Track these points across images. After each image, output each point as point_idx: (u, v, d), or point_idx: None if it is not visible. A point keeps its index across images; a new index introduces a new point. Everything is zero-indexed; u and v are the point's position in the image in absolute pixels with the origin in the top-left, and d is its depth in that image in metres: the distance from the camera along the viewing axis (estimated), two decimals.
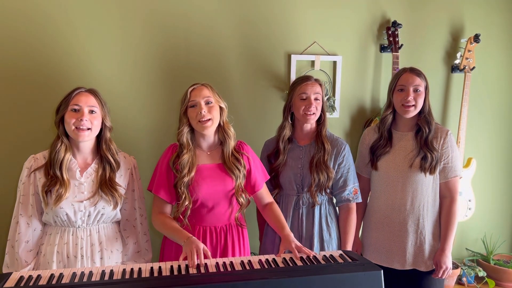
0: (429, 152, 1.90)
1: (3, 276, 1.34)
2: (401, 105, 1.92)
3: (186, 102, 1.71)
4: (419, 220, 1.95)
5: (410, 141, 1.96)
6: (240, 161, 1.76)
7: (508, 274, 2.76)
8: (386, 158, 1.98)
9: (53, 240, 1.65)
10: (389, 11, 2.64)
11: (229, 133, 1.76)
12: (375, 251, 2.01)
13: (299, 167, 1.93)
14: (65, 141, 1.65)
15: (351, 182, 1.95)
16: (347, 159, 1.94)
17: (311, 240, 1.92)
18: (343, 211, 1.96)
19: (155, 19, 2.32)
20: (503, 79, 2.90)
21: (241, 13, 2.43)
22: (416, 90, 1.91)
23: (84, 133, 1.62)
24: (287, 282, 1.33)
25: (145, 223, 1.82)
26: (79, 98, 1.64)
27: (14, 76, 2.18)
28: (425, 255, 1.95)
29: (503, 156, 2.97)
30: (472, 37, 2.65)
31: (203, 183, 1.70)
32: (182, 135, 1.72)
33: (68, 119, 1.62)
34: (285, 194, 1.97)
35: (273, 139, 2.04)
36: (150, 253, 1.82)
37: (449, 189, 1.96)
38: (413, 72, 1.95)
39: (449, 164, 1.94)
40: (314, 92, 1.89)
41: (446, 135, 1.94)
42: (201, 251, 1.46)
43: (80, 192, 1.65)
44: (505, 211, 3.03)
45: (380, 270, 1.40)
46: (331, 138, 1.97)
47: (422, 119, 1.94)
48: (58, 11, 2.19)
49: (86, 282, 1.31)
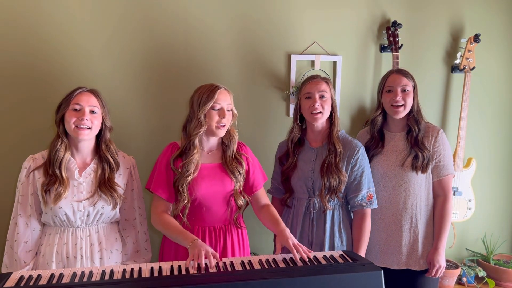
0: (420, 151, 1.92)
1: (3, 276, 1.34)
2: (390, 106, 1.96)
3: (210, 103, 1.65)
4: (412, 219, 1.96)
5: (402, 141, 1.99)
6: (241, 163, 1.76)
7: (508, 274, 2.76)
8: (379, 158, 2.01)
9: (52, 240, 1.65)
10: (389, 11, 2.64)
11: (234, 138, 1.77)
12: (370, 251, 2.01)
13: (310, 170, 1.88)
14: (65, 140, 1.66)
15: (365, 186, 1.87)
16: (361, 162, 1.87)
17: (321, 246, 1.86)
18: (357, 217, 1.90)
19: (155, 19, 2.32)
20: (503, 79, 2.90)
21: (241, 13, 2.43)
22: (404, 90, 1.95)
23: (84, 131, 1.62)
24: (287, 282, 1.33)
25: (144, 223, 1.82)
26: (81, 98, 1.64)
27: (13, 75, 2.17)
28: (419, 254, 1.97)
29: (503, 156, 2.97)
30: (472, 37, 2.65)
31: (202, 182, 1.70)
32: (197, 136, 1.69)
33: (69, 118, 1.62)
34: (297, 198, 1.92)
35: (285, 141, 2.00)
36: (150, 253, 1.82)
37: (442, 187, 1.98)
38: (399, 73, 1.99)
39: (441, 162, 1.96)
40: (318, 90, 1.84)
41: (437, 134, 1.97)
42: (210, 254, 1.43)
43: (79, 192, 1.65)
44: (505, 211, 3.03)
45: (380, 270, 1.41)
46: (345, 139, 1.90)
47: (411, 118, 1.98)
48: (57, 10, 2.19)
49: (86, 282, 1.31)
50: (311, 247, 1.87)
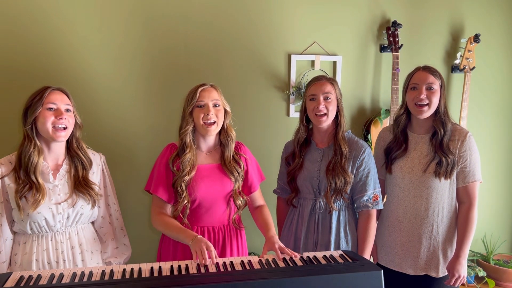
0: (444, 156, 1.80)
1: (3, 276, 1.34)
2: (414, 104, 1.83)
3: (194, 102, 1.68)
4: (433, 226, 1.86)
5: (426, 144, 1.87)
6: (240, 164, 1.76)
7: (508, 274, 2.76)
8: (401, 162, 1.90)
9: (29, 248, 1.57)
10: (389, 11, 2.64)
11: (232, 137, 1.76)
12: (387, 255, 1.96)
13: (316, 170, 1.86)
14: (38, 144, 1.57)
15: (371, 187, 1.84)
16: (366, 163, 1.84)
17: (327, 247, 1.83)
18: (362, 218, 1.87)
19: (155, 20, 2.32)
20: (503, 79, 2.90)
21: (240, 12, 2.43)
22: (430, 88, 1.81)
23: (61, 133, 1.56)
24: (287, 282, 1.33)
25: (120, 219, 1.80)
26: (55, 97, 1.57)
27: (13, 76, 2.18)
28: (438, 261, 1.87)
29: (503, 156, 2.97)
30: (472, 37, 2.65)
31: (201, 183, 1.70)
32: (186, 135, 1.70)
33: (44, 118, 1.54)
34: (303, 198, 1.91)
35: (292, 141, 1.99)
36: (129, 248, 1.81)
37: (468, 194, 1.84)
38: (426, 69, 1.85)
39: (466, 168, 1.83)
40: (323, 91, 1.81)
41: (464, 138, 1.82)
42: (212, 249, 1.46)
43: (56, 194, 1.59)
44: (505, 211, 3.03)
45: (380, 270, 1.40)
46: (351, 140, 1.88)
47: (437, 120, 1.84)
48: (58, 11, 2.19)
49: (86, 282, 1.31)
50: (316, 248, 1.86)
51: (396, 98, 2.53)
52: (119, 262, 1.76)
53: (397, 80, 2.53)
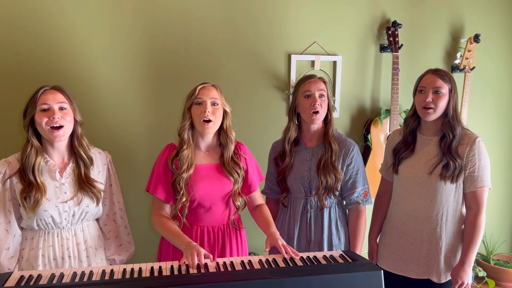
0: (452, 160, 1.78)
1: (4, 275, 1.34)
2: (421, 108, 1.83)
3: (192, 99, 1.71)
4: (436, 229, 1.84)
5: (434, 146, 1.85)
6: (239, 164, 1.76)
7: (508, 274, 2.77)
8: (407, 162, 1.89)
9: (36, 244, 1.61)
10: (389, 11, 2.64)
11: (231, 138, 1.76)
12: (389, 257, 1.94)
13: (306, 170, 1.88)
14: (36, 144, 1.59)
15: (360, 184, 1.88)
16: (355, 160, 1.88)
17: (320, 244, 1.87)
18: (352, 214, 1.91)
19: (155, 20, 2.32)
20: (503, 79, 2.90)
21: (241, 13, 2.43)
22: (437, 92, 1.80)
23: (58, 132, 1.56)
24: (287, 282, 1.33)
25: (125, 217, 1.83)
26: (47, 97, 1.58)
27: (13, 76, 2.18)
28: (440, 266, 1.84)
29: (503, 156, 2.97)
30: (472, 37, 2.66)
31: (200, 183, 1.70)
32: (184, 130, 1.72)
33: (39, 120, 1.56)
34: (293, 197, 1.92)
35: (280, 141, 1.99)
36: (133, 246, 1.84)
37: (475, 200, 1.81)
38: (435, 73, 1.83)
39: (475, 173, 1.79)
40: (318, 89, 1.84)
41: (473, 142, 1.80)
42: (202, 255, 1.46)
43: (62, 192, 1.61)
44: (505, 211, 3.03)
45: (380, 270, 1.40)
46: (339, 138, 1.91)
47: (445, 123, 1.82)
48: (58, 12, 2.19)
49: (87, 281, 1.31)
50: (309, 246, 1.88)
51: (396, 98, 2.53)
52: (122, 259, 1.79)
53: (397, 80, 2.53)
